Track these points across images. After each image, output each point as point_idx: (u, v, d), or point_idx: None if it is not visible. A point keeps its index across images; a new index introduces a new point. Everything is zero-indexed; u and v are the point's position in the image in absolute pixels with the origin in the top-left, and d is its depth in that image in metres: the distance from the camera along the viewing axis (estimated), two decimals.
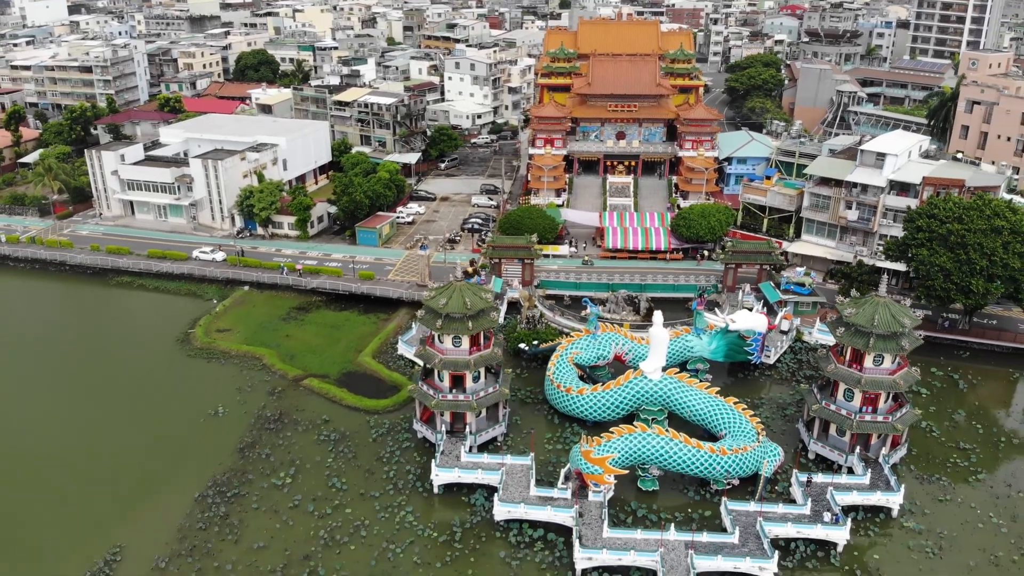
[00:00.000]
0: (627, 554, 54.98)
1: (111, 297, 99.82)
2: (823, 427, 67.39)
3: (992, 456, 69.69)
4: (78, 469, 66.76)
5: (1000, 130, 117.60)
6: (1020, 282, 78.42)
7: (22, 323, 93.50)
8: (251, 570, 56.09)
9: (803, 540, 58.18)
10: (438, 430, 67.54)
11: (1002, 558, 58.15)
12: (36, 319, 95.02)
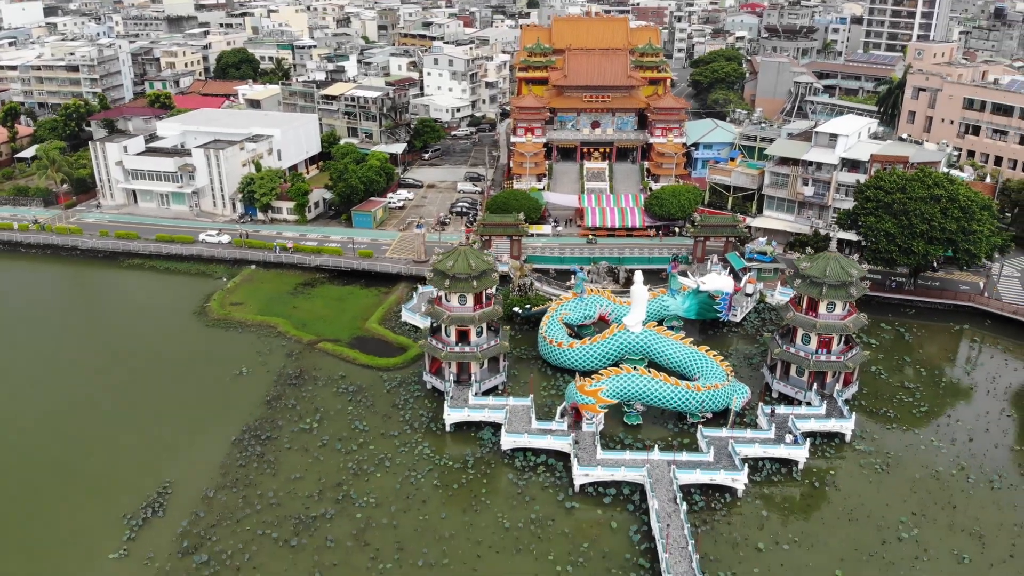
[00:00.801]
0: (618, 470, 64.43)
1: (125, 278, 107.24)
2: (784, 369, 77.50)
3: (934, 394, 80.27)
4: (122, 421, 74.53)
5: (944, 114, 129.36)
6: (957, 243, 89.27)
7: (47, 303, 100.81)
8: (290, 496, 64.52)
9: (769, 459, 68.05)
10: (446, 379, 76.46)
11: (942, 472, 68.43)
12: (58, 299, 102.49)
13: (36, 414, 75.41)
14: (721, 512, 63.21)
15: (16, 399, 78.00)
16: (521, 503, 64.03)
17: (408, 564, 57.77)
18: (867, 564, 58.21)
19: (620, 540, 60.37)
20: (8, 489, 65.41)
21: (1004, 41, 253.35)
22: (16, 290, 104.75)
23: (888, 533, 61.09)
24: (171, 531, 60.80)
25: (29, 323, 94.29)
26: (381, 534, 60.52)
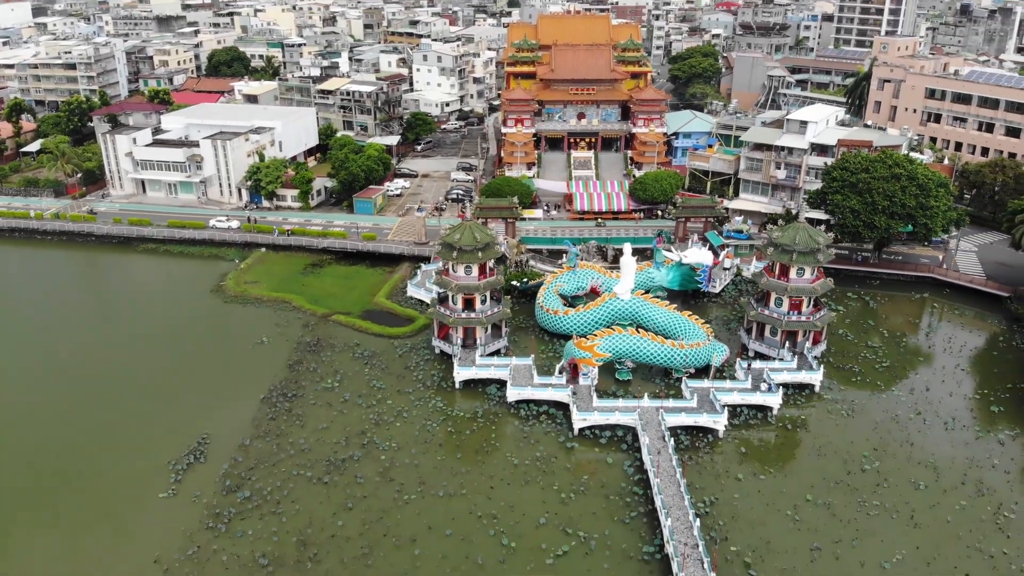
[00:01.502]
0: (612, 415, 72.78)
1: (141, 261, 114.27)
2: (759, 329, 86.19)
3: (895, 353, 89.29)
4: (157, 386, 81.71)
5: (907, 103, 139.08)
6: (916, 218, 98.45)
7: (71, 285, 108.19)
8: (319, 443, 72.19)
9: (746, 406, 76.59)
10: (454, 343, 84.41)
11: (900, 416, 77.29)
12: (81, 281, 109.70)
13: (76, 384, 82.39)
14: (704, 450, 71.68)
15: (56, 372, 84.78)
16: (527, 445, 72.17)
17: (430, 495, 65.71)
18: (834, 490, 66.82)
19: (616, 473, 68.64)
20: (59, 447, 72.30)
21: (970, 36, 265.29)
22: (40, 274, 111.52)
23: (853, 465, 69.78)
24: (213, 474, 68.26)
25: (57, 304, 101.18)
26: (404, 472, 68.39)
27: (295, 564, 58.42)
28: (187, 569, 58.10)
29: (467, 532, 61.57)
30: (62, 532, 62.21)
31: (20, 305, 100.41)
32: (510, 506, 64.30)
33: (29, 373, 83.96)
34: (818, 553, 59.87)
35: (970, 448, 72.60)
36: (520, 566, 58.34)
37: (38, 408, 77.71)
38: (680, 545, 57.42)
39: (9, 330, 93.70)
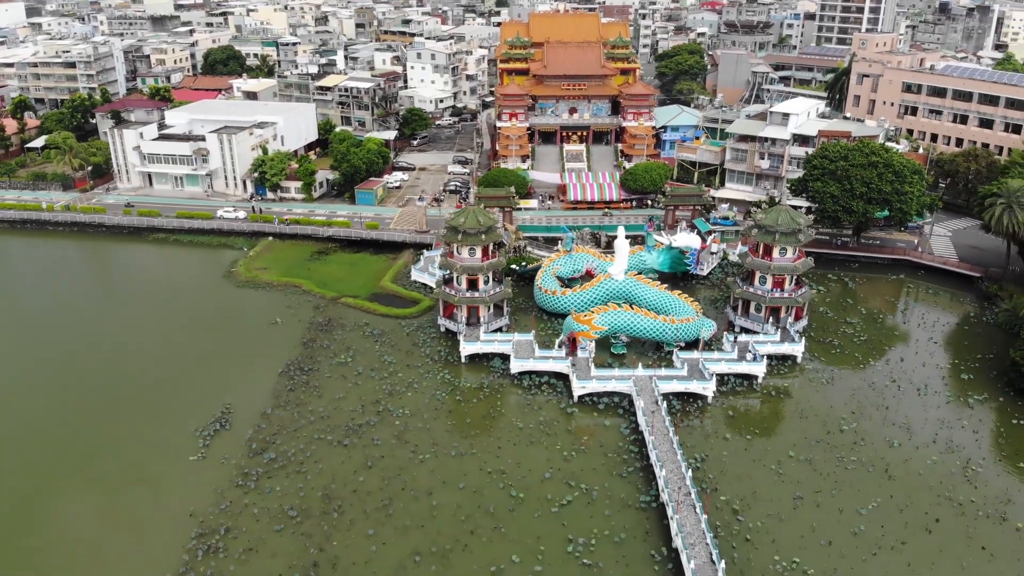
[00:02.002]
0: (609, 383, 78.72)
1: (152, 250, 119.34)
2: (745, 306, 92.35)
3: (872, 328, 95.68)
4: (178, 362, 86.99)
5: (885, 97, 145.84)
6: (891, 203, 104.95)
7: (87, 273, 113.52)
8: (337, 411, 77.70)
9: (733, 375, 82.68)
10: (459, 321, 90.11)
11: (876, 383, 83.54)
12: (96, 269, 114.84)
13: (104, 361, 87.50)
14: (695, 414, 77.75)
15: (85, 351, 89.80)
16: (530, 411, 77.99)
17: (443, 455, 71.39)
18: (814, 448, 72.94)
19: (613, 434, 74.57)
20: (92, 418, 77.41)
21: (949, 34, 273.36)
22: (58, 263, 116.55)
23: (832, 426, 75.97)
24: (239, 439, 73.65)
25: (79, 290, 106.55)
26: (417, 435, 74.04)
27: (321, 515, 63.93)
28: (221, 521, 63.47)
29: (479, 486, 67.28)
30: (102, 490, 67.41)
31: (46, 291, 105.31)
32: (517, 463, 70.07)
33: (62, 352, 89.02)
34: (800, 501, 65.94)
35: (941, 411, 78.93)
36: (528, 514, 64.09)
37: (72, 383, 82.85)
38: (674, 493, 63.32)
39: (38, 314, 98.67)
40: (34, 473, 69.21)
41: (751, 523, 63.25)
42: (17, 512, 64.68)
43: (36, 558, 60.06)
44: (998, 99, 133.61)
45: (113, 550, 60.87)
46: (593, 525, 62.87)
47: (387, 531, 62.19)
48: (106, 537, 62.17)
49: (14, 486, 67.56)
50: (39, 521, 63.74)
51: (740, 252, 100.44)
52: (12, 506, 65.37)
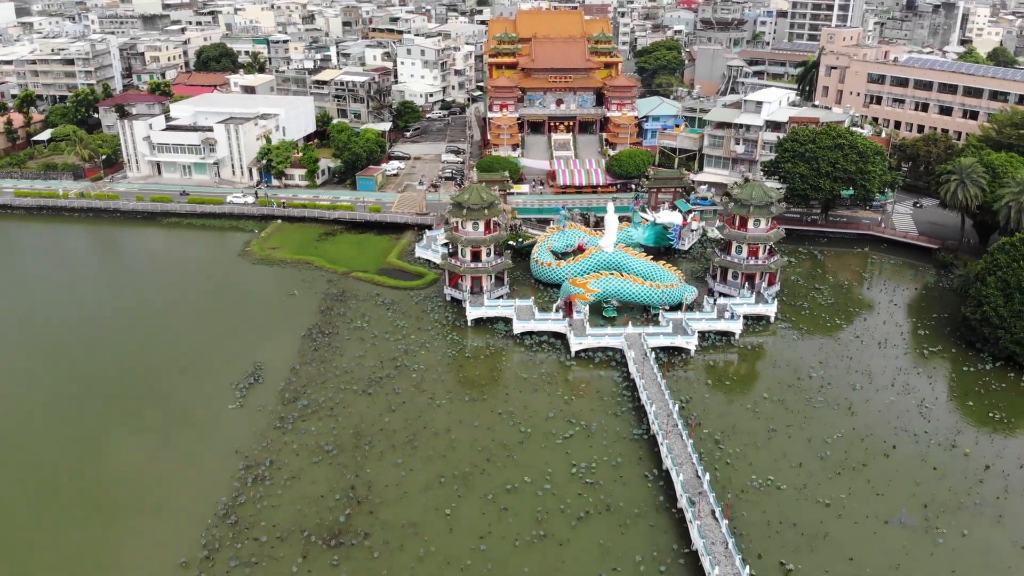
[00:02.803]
0: (603, 339, 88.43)
1: (168, 233, 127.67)
2: (723, 274, 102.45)
3: (839, 293, 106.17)
4: (207, 329, 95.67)
5: (852, 87, 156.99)
6: (855, 181, 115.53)
7: (108, 254, 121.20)
8: (359, 367, 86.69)
9: (713, 332, 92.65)
10: (464, 289, 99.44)
11: (842, 338, 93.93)
12: (117, 251, 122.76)
13: (141, 328, 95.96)
14: (679, 365, 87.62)
15: (124, 320, 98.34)
16: (533, 364, 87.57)
17: (457, 400, 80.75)
18: (786, 391, 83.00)
19: (607, 382, 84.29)
20: (138, 373, 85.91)
21: (916, 30, 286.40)
22: (79, 245, 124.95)
23: (802, 373, 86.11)
24: (272, 391, 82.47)
25: (107, 269, 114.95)
26: (432, 385, 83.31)
27: (354, 449, 72.98)
28: (264, 456, 72.30)
29: (491, 424, 76.66)
30: (155, 435, 75.86)
31: (77, 271, 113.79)
32: (523, 406, 79.56)
33: (103, 322, 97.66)
34: (773, 433, 75.89)
35: (899, 360, 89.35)
36: (536, 445, 73.54)
37: (115, 348, 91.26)
38: (663, 425, 73.05)
39: (76, 290, 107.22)
40: (93, 421, 77.51)
41: (731, 450, 73.11)
42: (83, 451, 73.14)
43: (105, 488, 68.48)
44: (956, 88, 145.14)
45: (172, 481, 69.46)
46: (593, 453, 72.47)
47: (413, 460, 71.40)
48: (164, 471, 70.73)
49: (77, 432, 75.92)
50: (103, 459, 72.21)
51: (719, 226, 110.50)
52: (78, 447, 73.79)
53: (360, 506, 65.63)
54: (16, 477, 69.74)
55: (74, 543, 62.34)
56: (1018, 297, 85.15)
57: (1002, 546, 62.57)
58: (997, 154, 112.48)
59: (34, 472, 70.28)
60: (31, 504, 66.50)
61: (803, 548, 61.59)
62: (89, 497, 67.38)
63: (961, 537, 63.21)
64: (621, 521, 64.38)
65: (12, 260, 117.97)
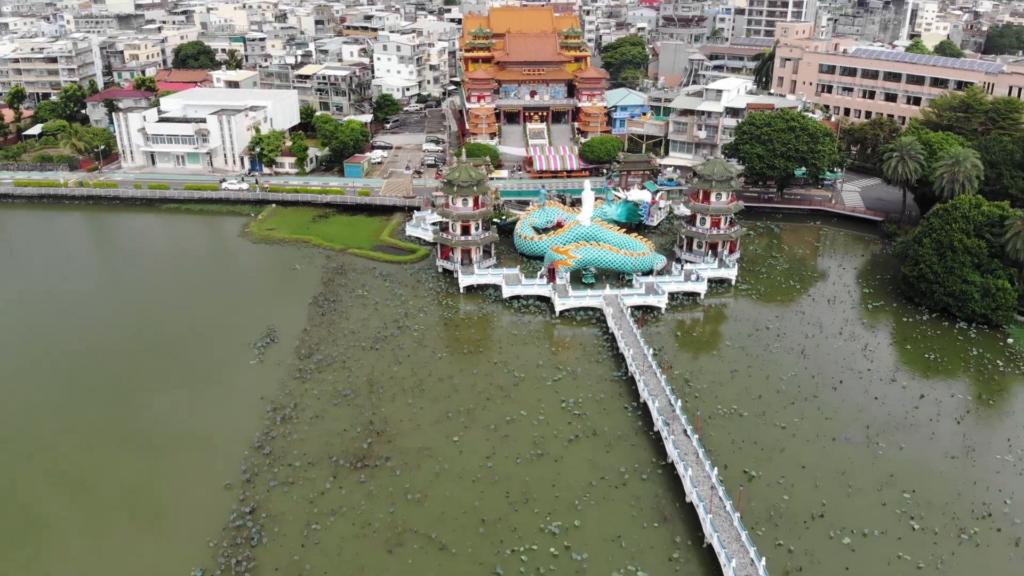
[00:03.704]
0: (584, 299, 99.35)
1: (168, 218, 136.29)
2: (689, 244, 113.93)
3: (793, 260, 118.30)
4: (218, 299, 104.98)
5: (804, 78, 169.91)
6: (807, 160, 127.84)
7: (117, 238, 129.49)
8: (364, 327, 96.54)
9: (681, 293, 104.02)
10: (455, 261, 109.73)
11: (795, 296, 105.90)
12: (121, 234, 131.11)
13: (159, 302, 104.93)
14: (651, 321, 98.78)
15: (137, 296, 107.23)
16: (522, 323, 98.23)
17: (457, 352, 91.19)
18: (746, 340, 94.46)
19: (589, 337, 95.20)
20: (160, 341, 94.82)
21: (867, 26, 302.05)
22: (84, 231, 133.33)
23: (759, 325, 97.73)
24: (288, 348, 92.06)
25: (112, 251, 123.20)
26: (433, 341, 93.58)
27: (368, 393, 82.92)
28: (288, 400, 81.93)
29: (488, 371, 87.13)
30: (183, 389, 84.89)
31: (87, 254, 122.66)
32: (516, 356, 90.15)
33: (123, 297, 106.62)
34: (735, 373, 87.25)
35: (846, 314, 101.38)
36: (529, 387, 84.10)
37: (138, 319, 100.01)
38: (639, 367, 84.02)
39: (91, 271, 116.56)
40: (127, 381, 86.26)
41: (699, 387, 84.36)
42: (122, 404, 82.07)
43: (149, 432, 77.48)
44: (900, 76, 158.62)
45: (207, 423, 78.83)
46: (579, 392, 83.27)
47: (422, 401, 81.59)
48: (199, 416, 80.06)
49: (114, 390, 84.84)
50: (142, 409, 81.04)
51: (685, 200, 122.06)
52: (118, 401, 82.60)
53: (379, 436, 75.69)
54: (67, 426, 78.45)
55: (128, 475, 71.36)
56: (950, 255, 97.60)
57: (934, 456, 74.35)
58: (934, 133, 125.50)
59: (82, 422, 79.06)
60: (84, 446, 75.41)
61: (763, 459, 72.89)
62: (136, 439, 76.33)
63: (898, 450, 74.88)
64: (606, 442, 75.24)
65: (27, 246, 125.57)
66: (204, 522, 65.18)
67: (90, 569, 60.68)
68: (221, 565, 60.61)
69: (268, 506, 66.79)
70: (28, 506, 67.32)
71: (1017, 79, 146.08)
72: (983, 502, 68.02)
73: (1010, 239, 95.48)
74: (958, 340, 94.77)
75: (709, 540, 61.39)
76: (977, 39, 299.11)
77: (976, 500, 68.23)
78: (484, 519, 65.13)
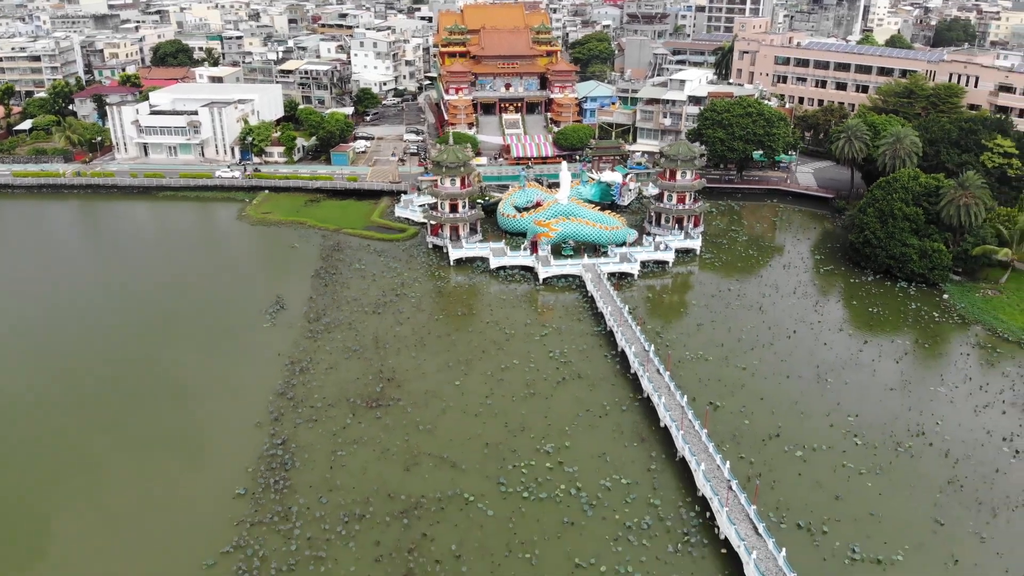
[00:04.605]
0: (565, 268, 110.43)
1: (166, 204, 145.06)
2: (657, 218, 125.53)
3: (751, 233, 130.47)
4: (226, 274, 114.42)
5: (761, 69, 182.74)
6: (764, 143, 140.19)
7: (117, 223, 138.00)
8: (365, 295, 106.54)
9: (652, 261, 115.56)
10: (444, 237, 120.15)
11: (753, 264, 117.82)
12: (124, 220, 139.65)
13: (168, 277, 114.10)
14: (626, 286, 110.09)
15: (149, 273, 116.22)
16: (509, 290, 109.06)
17: (452, 315, 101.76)
18: (710, 299, 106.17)
19: (570, 300, 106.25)
20: (177, 311, 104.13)
21: (822, 22, 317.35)
22: (88, 219, 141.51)
23: (721, 288, 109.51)
24: (297, 313, 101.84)
25: (117, 236, 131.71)
26: (430, 305, 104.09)
27: (375, 349, 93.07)
28: (303, 355, 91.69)
29: (482, 329, 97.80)
30: (203, 350, 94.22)
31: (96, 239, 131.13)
32: (505, 317, 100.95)
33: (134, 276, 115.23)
34: (700, 326, 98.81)
35: (799, 277, 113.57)
36: (519, 341, 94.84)
37: (151, 293, 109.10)
38: (616, 321, 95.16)
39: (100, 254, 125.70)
40: (148, 344, 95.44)
41: (669, 338, 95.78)
42: (148, 362, 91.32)
43: (176, 386, 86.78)
44: (849, 66, 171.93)
45: (230, 376, 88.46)
46: (564, 344, 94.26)
47: (425, 354, 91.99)
48: (222, 371, 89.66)
49: (138, 350, 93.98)
50: (167, 366, 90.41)
51: (653, 179, 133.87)
52: (143, 360, 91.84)
53: (389, 383, 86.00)
54: (106, 382, 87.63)
55: (167, 420, 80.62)
56: (891, 222, 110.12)
57: (875, 388, 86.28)
58: (878, 116, 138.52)
59: (118, 378, 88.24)
60: (124, 398, 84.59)
61: (726, 393, 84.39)
62: (169, 391, 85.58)
63: (844, 384, 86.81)
64: (589, 383, 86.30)
65: (39, 232, 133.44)
66: (241, 454, 74.94)
67: (144, 494, 69.97)
68: (261, 484, 70.52)
69: (296, 439, 76.77)
70: (81, 447, 76.41)
71: (956, 67, 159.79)
72: (917, 424, 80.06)
73: (944, 206, 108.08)
74: (899, 297, 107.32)
75: (681, 453, 72.63)
76: (926, 33, 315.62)
77: (911, 422, 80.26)
78: (487, 443, 75.81)
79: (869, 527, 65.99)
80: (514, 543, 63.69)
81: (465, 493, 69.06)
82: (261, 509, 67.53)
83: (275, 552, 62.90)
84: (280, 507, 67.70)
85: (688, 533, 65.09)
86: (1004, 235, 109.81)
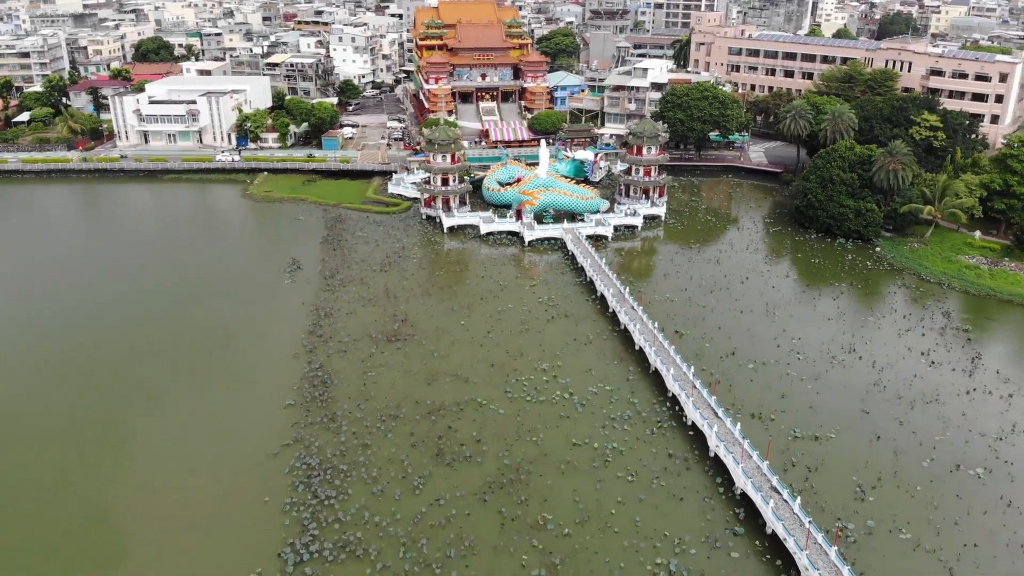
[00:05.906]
0: (548, 231, 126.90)
1: (171, 187, 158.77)
2: (627, 190, 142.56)
3: (710, 202, 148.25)
4: (240, 244, 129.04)
5: (716, 59, 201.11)
6: (719, 123, 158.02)
7: (130, 203, 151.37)
8: (371, 257, 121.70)
9: (623, 226, 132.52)
10: (437, 208, 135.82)
11: (713, 229, 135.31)
12: (136, 201, 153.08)
13: (188, 247, 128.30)
14: (602, 247, 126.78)
15: (171, 244, 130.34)
16: (498, 252, 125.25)
17: (451, 271, 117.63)
18: (674, 255, 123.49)
19: (554, 259, 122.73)
20: (203, 273, 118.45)
21: (773, 17, 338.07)
22: (100, 200, 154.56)
23: (683, 247, 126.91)
24: (312, 271, 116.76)
25: (132, 214, 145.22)
26: (431, 264, 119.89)
27: (387, 298, 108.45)
28: (324, 304, 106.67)
29: (478, 282, 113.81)
30: (232, 304, 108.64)
31: (112, 219, 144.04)
32: (498, 272, 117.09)
33: (155, 250, 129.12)
34: (666, 276, 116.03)
35: (751, 236, 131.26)
36: (511, 291, 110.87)
37: (173, 263, 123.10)
38: (595, 271, 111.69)
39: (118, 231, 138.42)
40: (178, 306, 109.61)
41: (639, 286, 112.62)
42: (192, 311, 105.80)
43: (218, 328, 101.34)
44: (795, 55, 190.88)
45: (263, 320, 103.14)
46: (551, 292, 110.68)
47: (432, 301, 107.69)
48: (255, 316, 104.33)
49: (168, 311, 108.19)
50: (211, 312, 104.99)
51: (622, 155, 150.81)
52: (188, 308, 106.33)
53: (404, 323, 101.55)
54: (153, 330, 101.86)
55: (213, 355, 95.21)
56: (830, 186, 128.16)
57: (815, 318, 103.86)
58: (819, 97, 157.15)
59: (163, 323, 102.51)
60: (170, 339, 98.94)
61: (689, 325, 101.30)
62: (211, 337, 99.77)
63: (789, 317, 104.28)
64: (575, 321, 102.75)
65: (58, 213, 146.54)
66: (286, 377, 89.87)
67: (209, 410, 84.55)
68: (307, 397, 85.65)
69: (330, 365, 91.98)
70: (151, 384, 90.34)
71: (891, 53, 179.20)
72: (850, 343, 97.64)
73: (876, 172, 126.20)
74: (838, 251, 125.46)
75: (654, 366, 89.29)
76: (871, 27, 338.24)
77: (845, 342, 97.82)
78: (493, 364, 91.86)
79: (808, 416, 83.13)
80: (522, 431, 79.79)
81: (479, 399, 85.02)
82: (311, 414, 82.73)
83: (328, 442, 78.21)
84: (326, 412, 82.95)
85: (661, 421, 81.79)
86: (928, 196, 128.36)
